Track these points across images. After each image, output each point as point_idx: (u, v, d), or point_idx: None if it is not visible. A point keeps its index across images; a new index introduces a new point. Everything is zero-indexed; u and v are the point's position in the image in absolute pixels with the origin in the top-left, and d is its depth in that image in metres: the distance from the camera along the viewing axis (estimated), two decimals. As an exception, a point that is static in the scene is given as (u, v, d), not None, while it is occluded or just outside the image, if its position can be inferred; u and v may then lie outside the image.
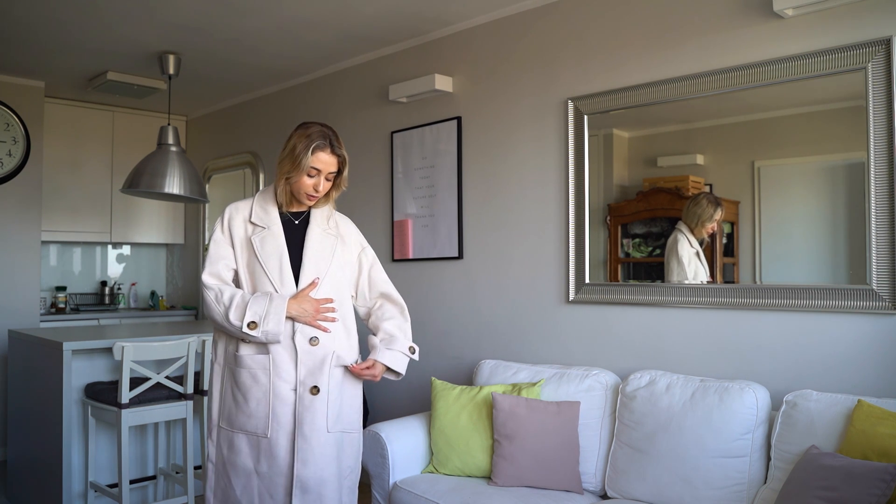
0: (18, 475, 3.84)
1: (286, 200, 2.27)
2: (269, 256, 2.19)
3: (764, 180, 2.71)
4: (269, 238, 2.21)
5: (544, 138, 3.38)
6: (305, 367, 2.16)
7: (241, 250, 2.23)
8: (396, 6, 3.53)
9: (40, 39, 4.06)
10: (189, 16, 3.67)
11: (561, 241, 3.31)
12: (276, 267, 2.18)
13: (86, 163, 5.50)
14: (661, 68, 2.96)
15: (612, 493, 2.71)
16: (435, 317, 3.89)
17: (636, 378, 2.77)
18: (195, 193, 4.24)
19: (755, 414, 2.45)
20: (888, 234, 2.39)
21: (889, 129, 2.38)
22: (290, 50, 4.22)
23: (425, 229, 3.95)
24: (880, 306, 2.40)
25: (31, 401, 3.67)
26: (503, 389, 2.98)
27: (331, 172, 2.21)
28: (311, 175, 2.18)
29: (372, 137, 4.29)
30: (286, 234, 2.24)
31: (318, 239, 2.26)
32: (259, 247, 2.20)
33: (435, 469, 2.97)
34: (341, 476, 2.24)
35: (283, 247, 2.21)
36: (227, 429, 2.21)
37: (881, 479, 1.89)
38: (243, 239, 2.23)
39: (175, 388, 3.35)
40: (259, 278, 2.19)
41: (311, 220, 2.29)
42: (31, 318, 4.94)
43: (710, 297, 2.80)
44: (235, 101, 5.42)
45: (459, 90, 3.80)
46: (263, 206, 2.26)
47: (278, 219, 2.25)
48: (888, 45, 2.37)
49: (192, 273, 5.92)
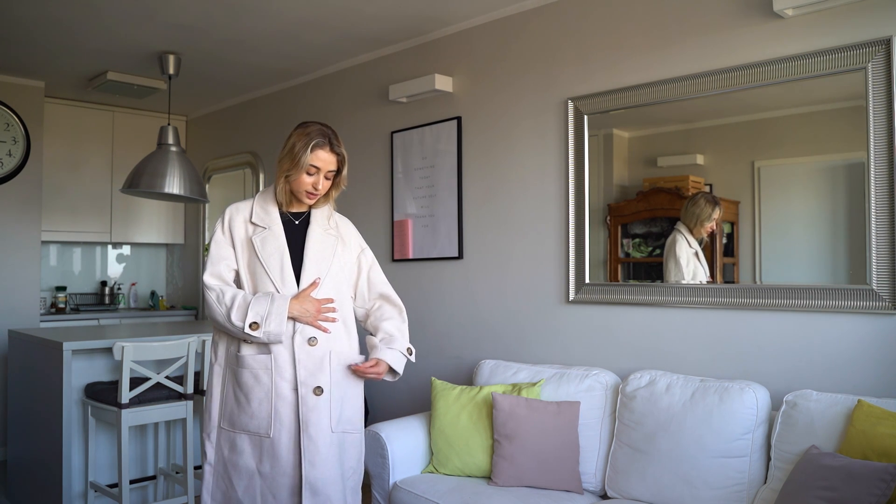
0: (18, 475, 3.84)
1: (286, 200, 2.27)
2: (270, 256, 2.19)
3: (764, 180, 2.71)
4: (270, 238, 2.21)
5: (544, 138, 3.38)
6: (305, 368, 2.16)
7: (242, 250, 2.23)
8: (396, 6, 3.53)
9: (40, 39, 4.06)
10: (189, 16, 3.67)
11: (561, 241, 3.31)
12: (277, 267, 2.19)
13: (86, 163, 5.50)
14: (661, 68, 2.96)
15: (612, 493, 2.71)
16: (435, 317, 3.89)
17: (636, 378, 2.77)
18: (195, 193, 4.24)
19: (755, 414, 2.45)
20: (888, 234, 2.39)
21: (889, 129, 2.38)
22: (290, 50, 4.22)
23: (425, 229, 3.95)
24: (880, 306, 2.40)
25: (31, 401, 3.67)
26: (503, 389, 2.98)
27: (330, 171, 2.21)
28: (310, 173, 2.18)
29: (372, 137, 4.29)
30: (287, 234, 2.24)
31: (319, 239, 2.26)
32: (260, 247, 2.20)
33: (435, 469, 2.97)
34: (344, 477, 2.24)
35: (284, 247, 2.21)
36: (229, 430, 2.20)
37: (881, 479, 1.90)
38: (244, 239, 2.23)
39: (175, 388, 3.35)
40: (260, 278, 2.19)
41: (312, 220, 2.29)
42: (31, 318, 4.94)
43: (710, 297, 2.80)
44: (235, 101, 5.42)
45: (459, 90, 3.80)
46: (264, 206, 2.27)
47: (279, 219, 2.25)
48: (888, 45, 2.37)
49: (192, 273, 5.92)
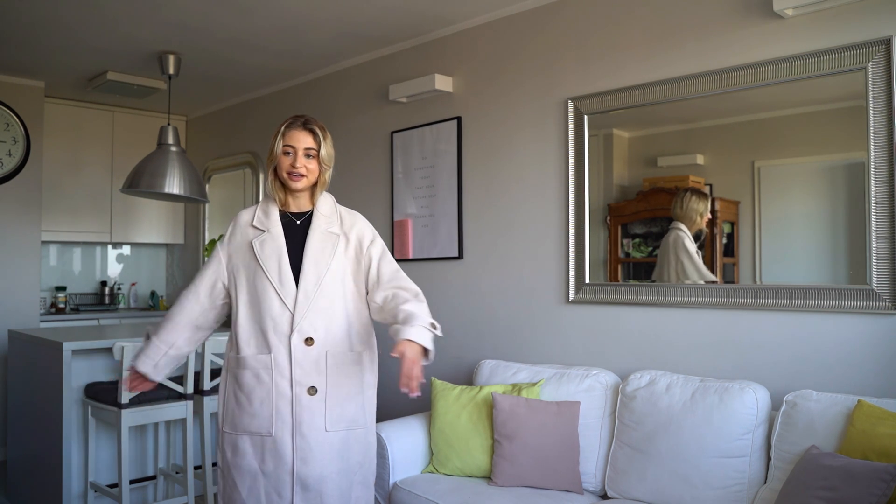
0: (18, 475, 3.84)
1: (281, 196, 2.30)
2: (269, 258, 2.22)
3: (764, 180, 2.71)
4: (269, 240, 2.24)
5: (544, 138, 3.38)
6: (300, 367, 2.18)
7: (244, 255, 2.27)
8: (396, 6, 3.53)
9: (40, 39, 4.06)
10: (189, 16, 3.67)
11: (561, 241, 3.31)
12: (275, 268, 2.21)
13: (86, 163, 5.49)
14: (661, 68, 2.96)
15: (612, 493, 2.71)
16: (435, 317, 3.78)
17: (636, 378, 2.77)
18: (195, 193, 4.24)
19: (755, 414, 2.45)
20: (888, 234, 2.38)
21: (889, 129, 2.38)
22: (290, 50, 4.22)
23: (425, 229, 3.95)
24: (880, 306, 2.40)
25: (31, 401, 3.67)
26: (503, 389, 2.98)
27: (307, 148, 2.24)
28: (287, 152, 2.24)
29: (372, 137, 4.29)
30: (288, 235, 2.27)
31: (319, 239, 2.27)
32: (259, 250, 2.23)
33: (435, 469, 2.97)
34: (349, 472, 2.26)
35: (282, 248, 2.23)
36: (231, 432, 2.23)
37: (881, 479, 1.90)
38: (245, 243, 2.28)
39: (175, 388, 3.34)
40: (259, 280, 2.22)
41: (314, 219, 2.30)
42: (31, 318, 4.94)
43: (710, 296, 2.80)
44: (235, 101, 5.42)
45: (459, 90, 3.80)
46: (265, 209, 2.31)
47: (279, 221, 2.28)
48: (888, 45, 2.37)
49: (192, 273, 5.91)
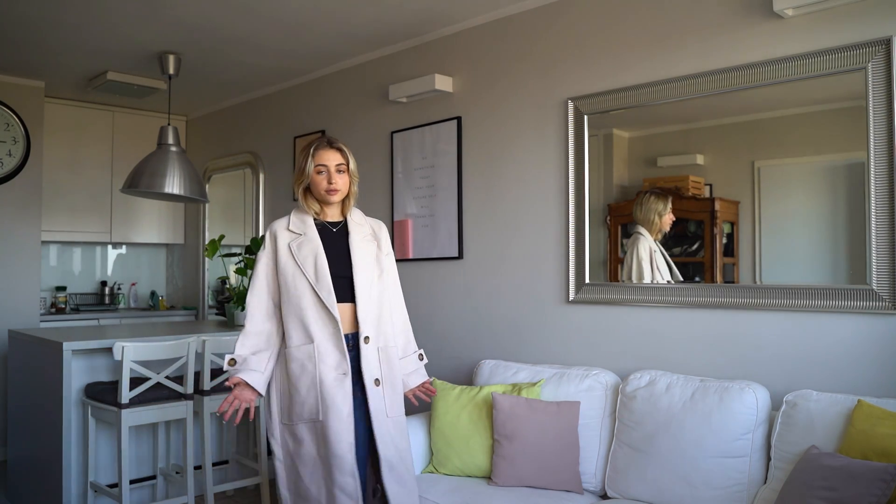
0: (18, 475, 3.84)
1: (316, 208, 2.52)
2: (306, 258, 2.43)
3: (764, 180, 2.71)
4: (306, 242, 2.46)
5: (544, 138, 3.38)
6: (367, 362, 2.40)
7: (283, 256, 2.47)
8: (397, 6, 3.53)
9: (40, 39, 4.06)
10: (189, 16, 3.67)
11: (561, 241, 3.31)
12: (311, 264, 2.41)
13: (86, 163, 5.49)
14: (661, 68, 2.96)
15: (612, 493, 2.71)
16: (435, 317, 3.88)
17: (636, 378, 2.77)
18: (195, 193, 4.24)
19: (755, 414, 2.45)
20: (888, 234, 2.38)
21: (889, 129, 2.38)
22: (290, 50, 4.22)
23: (425, 229, 3.95)
24: (880, 306, 2.40)
25: (31, 401, 3.67)
26: (503, 389, 2.98)
27: (338, 164, 2.45)
28: (320, 172, 2.45)
29: (372, 137, 4.29)
30: (326, 239, 2.47)
31: (360, 246, 2.50)
32: (296, 250, 2.45)
33: (435, 469, 2.97)
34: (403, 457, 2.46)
35: (318, 248, 2.44)
36: (289, 423, 2.41)
37: (881, 479, 1.89)
38: (285, 246, 2.48)
39: (175, 389, 3.35)
40: (296, 277, 2.42)
41: (351, 228, 2.52)
42: (31, 318, 4.94)
43: (711, 297, 2.80)
44: (235, 101, 5.42)
45: (459, 90, 3.80)
46: (300, 216, 2.52)
47: (314, 227, 2.49)
48: (888, 45, 2.37)
49: (192, 273, 5.92)
